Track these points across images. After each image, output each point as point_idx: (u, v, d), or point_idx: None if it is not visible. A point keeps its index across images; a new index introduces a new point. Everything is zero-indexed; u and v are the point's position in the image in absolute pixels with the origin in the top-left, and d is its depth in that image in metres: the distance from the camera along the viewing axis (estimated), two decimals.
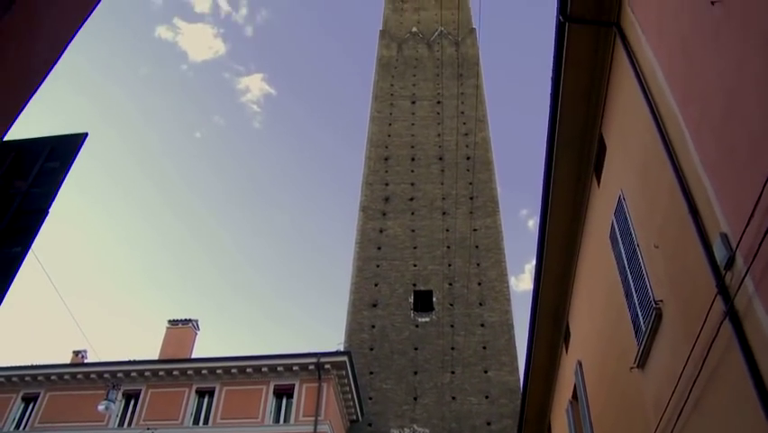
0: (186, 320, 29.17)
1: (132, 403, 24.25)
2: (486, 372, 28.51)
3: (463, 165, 36.56)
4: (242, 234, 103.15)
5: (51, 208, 5.95)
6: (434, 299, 31.19)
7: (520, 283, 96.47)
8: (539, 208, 12.05)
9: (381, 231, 34.12)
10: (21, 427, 24.08)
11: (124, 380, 24.32)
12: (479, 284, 31.48)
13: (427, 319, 30.47)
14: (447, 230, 33.75)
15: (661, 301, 7.41)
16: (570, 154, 10.79)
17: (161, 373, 24.48)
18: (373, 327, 30.19)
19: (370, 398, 27.76)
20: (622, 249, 8.92)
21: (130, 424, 23.70)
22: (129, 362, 24.97)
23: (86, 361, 27.65)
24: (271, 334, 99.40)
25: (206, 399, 23.93)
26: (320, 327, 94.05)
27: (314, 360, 23.51)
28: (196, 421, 23.42)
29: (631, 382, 8.81)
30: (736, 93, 5.17)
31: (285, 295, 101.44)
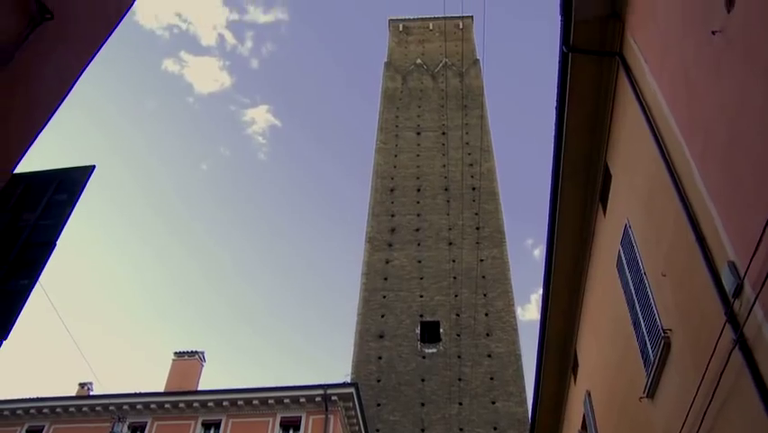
0: (192, 352, 29.07)
1: None
2: (494, 403, 28.26)
3: (469, 196, 36.62)
4: (249, 265, 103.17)
5: (59, 240, 5.99)
6: (441, 330, 31.04)
7: (526, 313, 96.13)
8: (545, 238, 12.03)
9: (388, 262, 34.09)
10: None
11: (130, 412, 24.17)
12: (486, 315, 31.34)
13: (434, 350, 30.29)
14: (453, 261, 33.70)
15: (669, 330, 7.35)
16: (575, 184, 10.79)
17: (167, 406, 24.32)
18: (380, 359, 30.01)
19: (378, 430, 27.52)
20: (629, 278, 8.87)
21: None
22: (135, 394, 24.83)
23: (91, 393, 27.54)
24: (278, 365, 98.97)
25: (213, 431, 23.74)
26: (327, 359, 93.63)
27: (320, 392, 23.34)
28: None
29: (641, 413, 8.70)
30: (739, 122, 5.19)
31: (291, 326, 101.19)
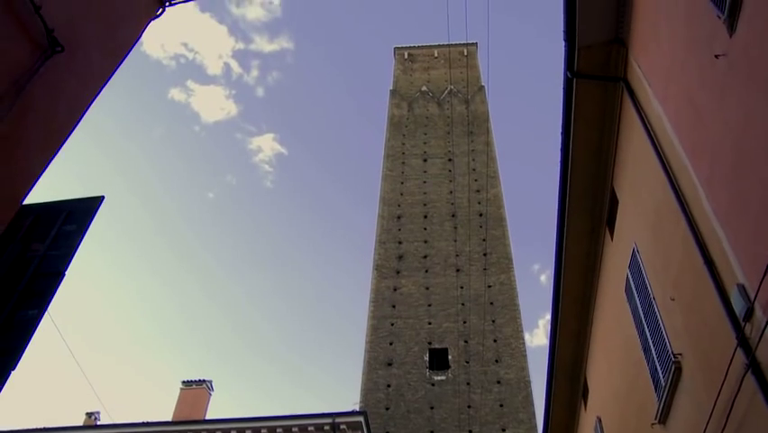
0: (200, 381, 28.96)
1: None
2: (504, 430, 27.96)
3: (476, 222, 36.60)
4: (256, 293, 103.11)
5: (67, 270, 6.02)
6: (450, 357, 30.84)
7: (534, 339, 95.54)
8: (552, 263, 12.01)
9: (395, 289, 34.00)
10: None
11: None
12: (494, 341, 31.15)
13: (443, 378, 30.07)
14: (461, 287, 33.58)
15: (680, 355, 7.29)
16: (582, 208, 10.79)
17: None
18: (389, 387, 29.80)
19: None
20: (638, 302, 8.83)
21: None
22: (142, 424, 24.65)
23: (98, 423, 27.39)
24: (286, 393, 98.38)
25: None
26: (335, 387, 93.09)
27: (329, 420, 23.14)
28: None
29: None
30: (745, 144, 5.20)
31: (299, 354, 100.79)
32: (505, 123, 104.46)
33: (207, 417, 27.50)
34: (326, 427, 23.10)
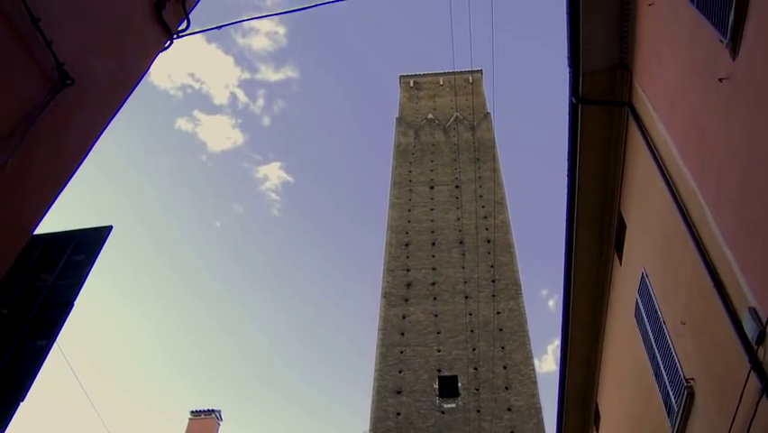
0: (208, 411, 28.80)
1: None
2: None
3: (484, 248, 36.53)
4: (264, 321, 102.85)
5: (76, 300, 6.03)
6: (459, 385, 30.59)
7: (543, 365, 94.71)
8: (561, 289, 11.95)
9: (404, 317, 33.86)
10: None
11: None
12: (504, 367, 30.91)
13: (453, 405, 29.81)
14: (470, 314, 33.42)
15: (692, 379, 7.21)
16: (590, 233, 10.77)
17: None
18: (398, 415, 29.55)
19: None
20: (648, 327, 8.77)
21: None
22: None
23: None
24: (296, 423, 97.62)
25: None
26: (345, 415, 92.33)
27: None
28: None
29: None
30: (751, 166, 5.20)
31: (309, 383, 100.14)
32: (511, 149, 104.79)
33: None
34: None
